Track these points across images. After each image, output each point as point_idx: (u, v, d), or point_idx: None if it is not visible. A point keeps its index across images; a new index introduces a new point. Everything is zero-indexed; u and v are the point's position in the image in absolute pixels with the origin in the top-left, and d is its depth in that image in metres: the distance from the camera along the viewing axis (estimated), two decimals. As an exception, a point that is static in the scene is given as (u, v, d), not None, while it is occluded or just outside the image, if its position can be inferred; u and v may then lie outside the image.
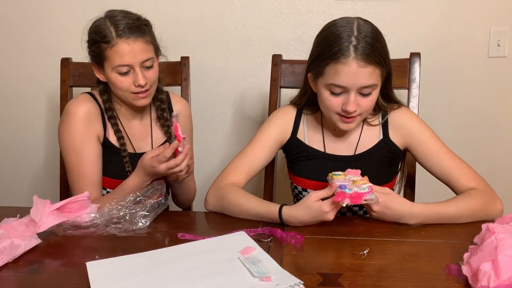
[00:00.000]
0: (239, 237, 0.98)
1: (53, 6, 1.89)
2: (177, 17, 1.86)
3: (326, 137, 1.25)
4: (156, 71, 1.27)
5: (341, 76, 1.07)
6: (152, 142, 1.36)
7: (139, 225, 1.07)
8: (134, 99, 1.25)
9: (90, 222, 1.06)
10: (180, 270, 0.85)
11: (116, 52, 1.19)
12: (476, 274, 0.77)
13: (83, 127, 1.26)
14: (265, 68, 1.87)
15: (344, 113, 1.11)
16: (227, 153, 1.98)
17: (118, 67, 1.20)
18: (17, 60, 1.96)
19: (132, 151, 1.33)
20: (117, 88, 1.24)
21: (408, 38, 1.80)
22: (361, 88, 1.08)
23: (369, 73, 1.07)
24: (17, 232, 0.98)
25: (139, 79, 1.21)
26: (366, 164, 1.20)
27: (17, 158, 2.05)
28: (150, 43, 1.25)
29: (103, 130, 1.30)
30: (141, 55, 1.21)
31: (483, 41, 1.78)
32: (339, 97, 1.10)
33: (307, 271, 0.86)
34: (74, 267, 0.92)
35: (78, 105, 1.28)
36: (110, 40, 1.19)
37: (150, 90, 1.26)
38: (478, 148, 1.87)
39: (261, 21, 1.85)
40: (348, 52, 1.06)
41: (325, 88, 1.12)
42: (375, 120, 1.23)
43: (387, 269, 0.88)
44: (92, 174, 1.26)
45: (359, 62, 1.05)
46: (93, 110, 1.29)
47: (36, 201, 1.05)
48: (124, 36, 1.19)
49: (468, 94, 1.83)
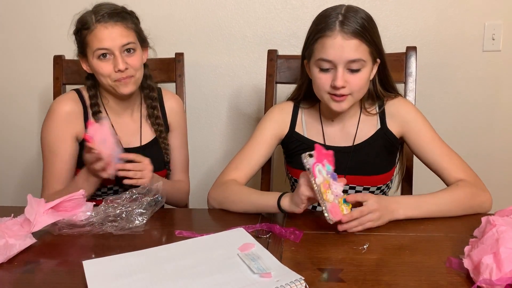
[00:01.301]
0: (237, 234, 0.97)
1: (44, 3, 1.87)
2: (171, 13, 1.84)
3: (325, 128, 1.25)
4: (139, 58, 1.26)
5: (327, 50, 1.09)
6: (141, 138, 1.36)
7: (135, 223, 1.05)
8: (117, 86, 1.25)
9: (86, 220, 1.05)
10: (179, 268, 0.83)
11: (95, 36, 1.21)
12: (478, 267, 0.76)
13: (61, 126, 1.28)
14: (260, 64, 1.86)
15: (334, 91, 1.11)
16: (223, 150, 1.97)
17: (97, 50, 1.21)
18: (9, 58, 1.94)
19: None
20: (99, 75, 1.24)
21: (403, 33, 1.80)
22: (348, 62, 1.09)
23: (355, 46, 1.08)
24: (12, 231, 0.96)
25: (118, 63, 1.20)
26: (365, 153, 1.21)
27: (7, 157, 2.02)
28: (131, 30, 1.26)
29: (84, 129, 1.28)
30: (120, 39, 1.21)
31: (477, 35, 1.78)
32: (328, 74, 1.11)
33: (307, 267, 0.85)
34: (70, 267, 0.90)
35: (60, 104, 1.30)
36: (89, 26, 1.21)
37: (134, 77, 1.26)
38: (473, 141, 1.87)
39: (255, 17, 1.84)
40: (334, 26, 1.08)
41: (314, 66, 1.13)
42: (372, 109, 1.24)
43: (387, 263, 0.87)
44: (61, 172, 1.27)
45: (343, 35, 1.07)
46: (74, 109, 1.29)
47: (31, 200, 1.03)
48: (103, 20, 1.21)
49: (463, 88, 1.84)
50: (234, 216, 1.12)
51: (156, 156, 1.34)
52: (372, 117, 1.24)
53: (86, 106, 1.31)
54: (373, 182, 1.22)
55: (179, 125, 1.43)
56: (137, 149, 1.33)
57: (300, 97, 1.28)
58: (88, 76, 1.31)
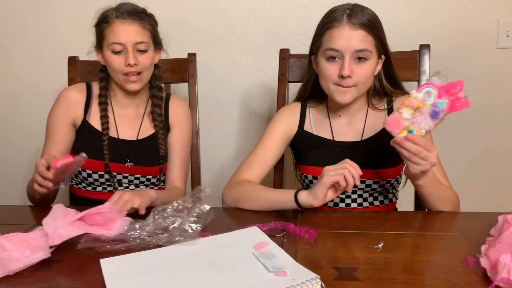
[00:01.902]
0: (252, 232, 0.97)
1: (58, 4, 1.89)
2: (184, 14, 1.85)
3: (333, 124, 1.28)
4: (149, 58, 1.33)
5: (335, 40, 1.14)
6: (139, 133, 1.40)
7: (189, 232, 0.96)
8: (125, 81, 1.31)
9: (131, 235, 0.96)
10: (194, 266, 0.84)
11: (112, 31, 1.28)
12: (495, 266, 0.76)
13: (61, 110, 1.36)
14: (271, 64, 1.86)
15: (340, 81, 1.14)
16: (235, 150, 1.98)
17: (112, 44, 1.28)
18: (24, 60, 1.96)
19: (115, 136, 1.38)
20: (110, 68, 1.32)
21: (415, 31, 1.79)
22: (355, 52, 1.13)
23: (362, 36, 1.13)
24: (28, 244, 0.87)
25: (129, 58, 1.27)
26: (373, 148, 1.23)
27: (23, 157, 2.05)
28: (147, 30, 1.32)
29: (83, 115, 1.37)
30: (135, 36, 1.29)
31: (492, 32, 1.76)
32: (335, 64, 1.15)
33: (322, 266, 0.85)
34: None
35: (65, 91, 1.39)
36: (109, 20, 1.29)
37: (142, 75, 1.32)
38: (488, 139, 1.85)
39: (267, 16, 1.84)
40: (341, 18, 1.14)
41: (322, 57, 1.17)
42: (380, 105, 1.27)
43: (403, 262, 0.87)
44: (51, 152, 1.31)
45: (351, 25, 1.12)
46: (76, 97, 1.38)
47: (55, 210, 0.95)
48: (122, 17, 1.29)
49: (478, 86, 1.81)
50: (248, 214, 1.12)
51: (151, 152, 1.39)
52: (380, 113, 1.26)
53: (91, 97, 1.39)
54: (383, 175, 1.23)
55: (180, 125, 1.45)
56: (133, 142, 1.39)
57: (307, 94, 1.31)
58: (102, 69, 1.39)
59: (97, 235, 0.96)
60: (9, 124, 2.03)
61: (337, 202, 1.26)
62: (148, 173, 1.39)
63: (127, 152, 1.37)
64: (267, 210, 1.13)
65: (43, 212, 0.96)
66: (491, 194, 1.89)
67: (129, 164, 1.37)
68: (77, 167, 1.17)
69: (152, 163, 1.39)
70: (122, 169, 1.36)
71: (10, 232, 0.91)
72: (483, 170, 1.86)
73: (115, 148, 1.35)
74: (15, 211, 1.27)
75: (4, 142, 2.06)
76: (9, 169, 2.08)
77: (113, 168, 1.35)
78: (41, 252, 0.87)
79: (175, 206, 1.02)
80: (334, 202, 1.26)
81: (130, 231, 0.98)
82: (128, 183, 1.39)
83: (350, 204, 1.26)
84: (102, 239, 0.96)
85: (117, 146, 1.36)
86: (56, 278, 0.85)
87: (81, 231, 0.95)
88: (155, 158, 1.39)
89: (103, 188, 1.37)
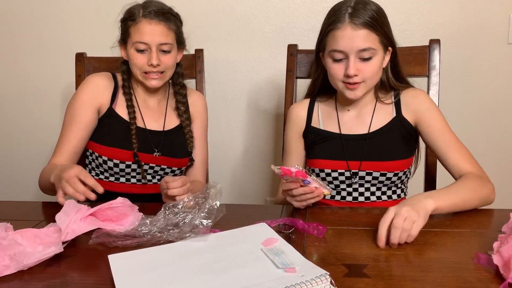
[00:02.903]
0: (260, 229, 0.97)
1: (67, 2, 1.89)
2: (191, 10, 1.85)
3: (341, 119, 1.29)
4: (172, 58, 1.34)
5: (338, 41, 1.14)
6: (164, 125, 1.41)
7: (200, 227, 0.95)
8: (146, 78, 1.33)
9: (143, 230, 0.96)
10: (203, 262, 0.83)
11: (138, 29, 1.29)
12: (508, 263, 0.75)
13: (88, 95, 1.34)
14: (279, 59, 1.85)
15: (347, 79, 1.16)
16: (243, 146, 1.97)
17: (136, 43, 1.29)
18: (31, 57, 1.97)
19: (142, 126, 1.38)
20: (132, 64, 1.32)
21: (425, 26, 1.77)
22: (359, 51, 1.13)
23: (364, 36, 1.13)
24: (40, 239, 0.87)
25: (153, 58, 1.29)
26: (380, 141, 1.23)
27: (32, 153, 2.06)
28: (172, 31, 1.33)
29: (110, 103, 1.36)
30: (160, 37, 1.29)
31: (502, 27, 1.74)
32: (341, 64, 1.16)
33: (331, 262, 0.85)
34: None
35: (93, 77, 1.39)
36: (135, 18, 1.30)
37: (164, 74, 1.34)
38: (499, 135, 1.83)
39: (274, 12, 1.83)
40: (343, 19, 1.14)
41: (328, 57, 1.19)
42: (387, 99, 1.27)
43: (413, 259, 0.86)
44: (76, 138, 1.32)
45: (352, 26, 1.13)
46: (104, 83, 1.37)
47: (68, 206, 0.95)
48: (149, 17, 1.29)
49: (488, 81, 1.80)
50: (256, 211, 1.12)
51: (179, 143, 1.41)
52: (387, 106, 1.27)
53: (117, 85, 1.38)
54: (390, 167, 1.22)
55: (200, 116, 1.48)
56: (160, 132, 1.40)
57: (316, 90, 1.32)
58: (124, 61, 1.39)
59: (108, 230, 0.97)
60: (17, 122, 2.04)
61: (344, 195, 1.26)
62: (175, 165, 1.40)
63: (155, 142, 1.37)
64: None
65: (53, 208, 0.97)
66: (503, 191, 1.86)
67: (156, 154, 1.37)
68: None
69: (181, 155, 1.40)
70: (150, 159, 1.36)
71: (20, 227, 0.91)
72: (494, 166, 1.84)
73: (142, 138, 1.35)
74: (25, 207, 1.28)
75: (13, 139, 2.07)
76: (18, 166, 2.09)
77: (142, 158, 1.34)
78: (54, 247, 0.87)
79: (185, 202, 1.02)
80: (341, 196, 1.26)
81: (141, 226, 0.98)
82: (153, 173, 1.39)
83: (357, 197, 1.25)
84: (113, 234, 0.96)
85: (144, 136, 1.36)
86: (68, 273, 0.85)
87: (93, 227, 0.96)
88: (183, 150, 1.41)
89: (127, 180, 1.37)
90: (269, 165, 1.96)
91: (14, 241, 0.86)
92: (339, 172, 1.24)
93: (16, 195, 2.09)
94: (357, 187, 1.25)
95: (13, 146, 2.08)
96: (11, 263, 0.83)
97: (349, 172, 1.23)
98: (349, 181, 1.24)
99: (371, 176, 1.23)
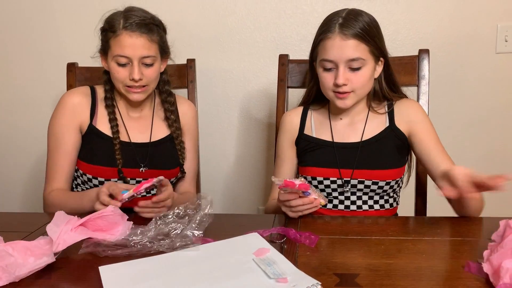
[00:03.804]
0: (252, 238, 0.97)
1: (58, 11, 1.89)
2: (183, 20, 1.85)
3: (334, 127, 1.30)
4: (155, 71, 1.29)
5: (328, 51, 1.16)
6: (151, 135, 1.36)
7: (190, 238, 0.95)
8: (128, 92, 1.28)
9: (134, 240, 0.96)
10: (195, 273, 0.83)
11: (118, 42, 1.23)
12: (498, 271, 0.75)
13: (66, 118, 1.30)
14: (270, 69, 1.86)
15: (337, 88, 1.18)
16: (235, 155, 1.97)
17: (117, 57, 1.24)
18: (23, 66, 1.97)
19: (126, 140, 1.33)
20: (114, 78, 1.28)
21: (414, 36, 1.79)
22: (348, 61, 1.15)
23: (353, 46, 1.15)
24: (31, 251, 0.87)
25: (134, 73, 1.24)
26: (373, 149, 1.24)
27: (21, 163, 2.04)
28: (155, 43, 1.27)
29: (89, 119, 1.31)
30: (141, 50, 1.24)
31: (490, 37, 1.77)
32: (331, 73, 1.18)
33: (323, 272, 0.85)
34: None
35: (68, 95, 1.34)
36: (116, 30, 1.23)
37: (147, 88, 1.29)
38: (488, 143, 1.85)
39: (265, 22, 1.84)
40: (334, 29, 1.16)
41: (319, 66, 1.21)
42: (381, 108, 1.28)
43: (404, 268, 0.86)
44: (65, 164, 1.30)
45: (342, 36, 1.15)
46: (80, 100, 1.32)
47: (58, 217, 0.94)
48: (130, 29, 1.23)
49: (477, 90, 1.82)
50: (248, 221, 1.12)
51: (168, 154, 1.36)
52: (380, 116, 1.28)
53: (95, 100, 1.34)
54: (382, 176, 1.23)
55: (191, 128, 1.45)
56: (147, 144, 1.35)
57: (311, 99, 1.33)
58: (106, 71, 1.34)
59: (99, 239, 0.96)
60: (8, 131, 2.03)
61: (336, 204, 1.26)
62: (164, 176, 1.34)
63: (141, 156, 1.32)
64: None
65: (43, 218, 0.96)
66: (492, 199, 1.88)
67: (143, 169, 1.32)
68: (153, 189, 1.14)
69: (170, 166, 1.36)
70: (137, 174, 1.31)
71: (10, 239, 0.90)
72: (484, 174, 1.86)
73: (127, 152, 1.30)
74: (14, 218, 1.26)
75: (3, 148, 2.05)
76: (8, 175, 2.07)
77: (127, 173, 1.29)
78: (46, 257, 0.87)
79: (176, 213, 1.01)
80: (333, 204, 1.27)
81: (131, 236, 0.97)
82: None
83: (349, 206, 1.26)
84: (104, 243, 0.95)
85: (129, 151, 1.31)
86: (59, 285, 0.84)
87: (84, 236, 0.94)
88: (173, 161, 1.36)
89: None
90: (261, 173, 1.97)
91: (5, 252, 0.85)
92: (331, 180, 1.25)
93: (5, 206, 2.07)
94: (349, 195, 1.25)
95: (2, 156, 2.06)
96: (2, 275, 0.82)
97: (341, 180, 1.24)
98: (341, 189, 1.25)
99: (363, 184, 1.24)
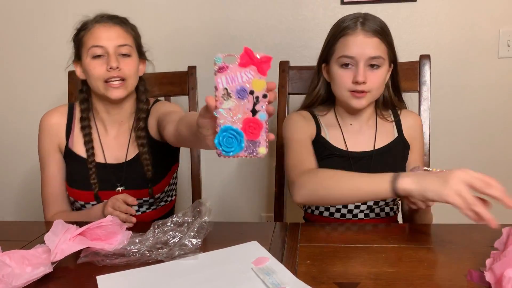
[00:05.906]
0: (251, 247, 0.96)
1: (59, 19, 1.90)
2: (184, 27, 1.86)
3: (345, 133, 1.26)
4: (133, 63, 1.23)
5: (349, 47, 1.16)
6: (127, 153, 1.29)
7: (189, 247, 0.94)
8: (107, 89, 1.20)
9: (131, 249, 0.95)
10: (193, 283, 0.82)
11: (92, 35, 1.20)
12: (500, 280, 0.74)
13: (46, 141, 1.29)
14: (271, 76, 1.83)
15: (355, 87, 1.16)
16: (236, 162, 1.97)
17: (92, 48, 1.19)
18: (24, 74, 1.97)
19: (102, 161, 1.28)
20: (90, 76, 1.21)
21: (416, 41, 1.78)
22: (369, 59, 1.15)
23: (375, 44, 1.16)
24: (28, 261, 0.87)
25: (111, 60, 1.17)
26: (386, 159, 1.23)
27: (23, 172, 2.04)
28: (130, 35, 1.24)
29: (66, 140, 1.28)
30: (117, 39, 1.20)
31: (492, 42, 1.76)
32: (349, 71, 1.16)
33: (323, 281, 0.84)
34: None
35: (45, 117, 1.31)
36: (88, 26, 1.21)
37: (126, 82, 1.21)
38: (490, 149, 1.84)
39: (266, 29, 1.84)
40: (355, 26, 1.16)
41: (336, 64, 1.19)
42: (388, 116, 1.28)
43: (405, 276, 0.85)
44: (55, 185, 1.28)
45: (365, 33, 1.15)
46: (56, 121, 1.29)
47: (56, 226, 0.94)
48: (102, 21, 1.21)
49: (479, 96, 1.81)
50: (247, 229, 1.11)
51: (138, 173, 1.26)
52: (388, 124, 1.28)
53: (72, 120, 1.30)
54: None
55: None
56: (121, 165, 1.28)
57: (317, 103, 1.29)
58: (81, 89, 1.29)
59: (97, 249, 0.95)
60: (5, 136, 2.03)
61: (332, 212, 1.25)
62: (139, 196, 1.25)
63: (117, 177, 1.26)
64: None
65: (42, 227, 0.95)
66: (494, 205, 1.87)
67: (119, 189, 1.26)
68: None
69: (139, 186, 1.26)
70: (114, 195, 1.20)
71: (9, 248, 0.90)
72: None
73: (103, 174, 1.25)
74: (14, 227, 1.26)
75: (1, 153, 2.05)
76: (4, 182, 2.07)
77: (104, 196, 1.22)
78: (43, 267, 0.86)
79: (175, 220, 1.00)
80: (329, 212, 1.24)
81: (130, 245, 0.96)
82: None
83: (345, 215, 1.24)
84: (102, 253, 0.95)
85: (105, 172, 1.25)
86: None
87: (82, 246, 0.94)
88: (141, 181, 1.26)
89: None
90: (263, 179, 1.97)
91: (2, 262, 0.85)
92: None
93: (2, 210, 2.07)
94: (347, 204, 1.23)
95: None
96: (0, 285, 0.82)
97: None
98: None
99: None
